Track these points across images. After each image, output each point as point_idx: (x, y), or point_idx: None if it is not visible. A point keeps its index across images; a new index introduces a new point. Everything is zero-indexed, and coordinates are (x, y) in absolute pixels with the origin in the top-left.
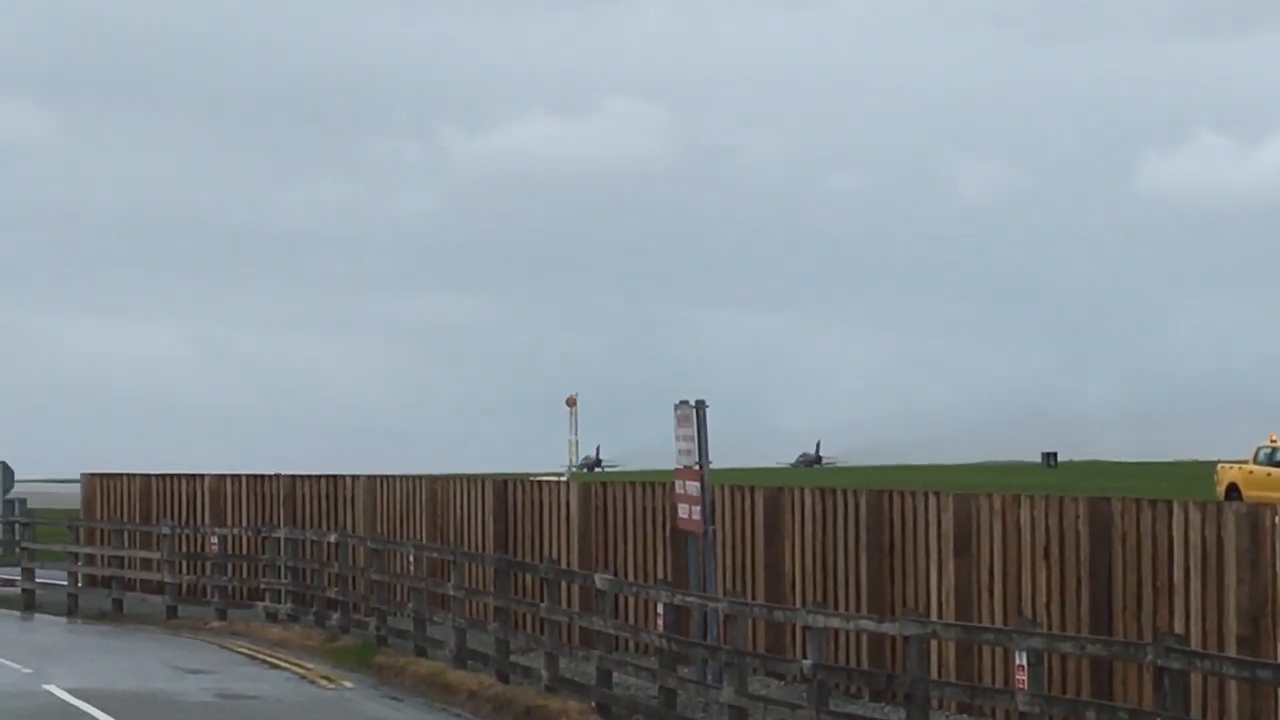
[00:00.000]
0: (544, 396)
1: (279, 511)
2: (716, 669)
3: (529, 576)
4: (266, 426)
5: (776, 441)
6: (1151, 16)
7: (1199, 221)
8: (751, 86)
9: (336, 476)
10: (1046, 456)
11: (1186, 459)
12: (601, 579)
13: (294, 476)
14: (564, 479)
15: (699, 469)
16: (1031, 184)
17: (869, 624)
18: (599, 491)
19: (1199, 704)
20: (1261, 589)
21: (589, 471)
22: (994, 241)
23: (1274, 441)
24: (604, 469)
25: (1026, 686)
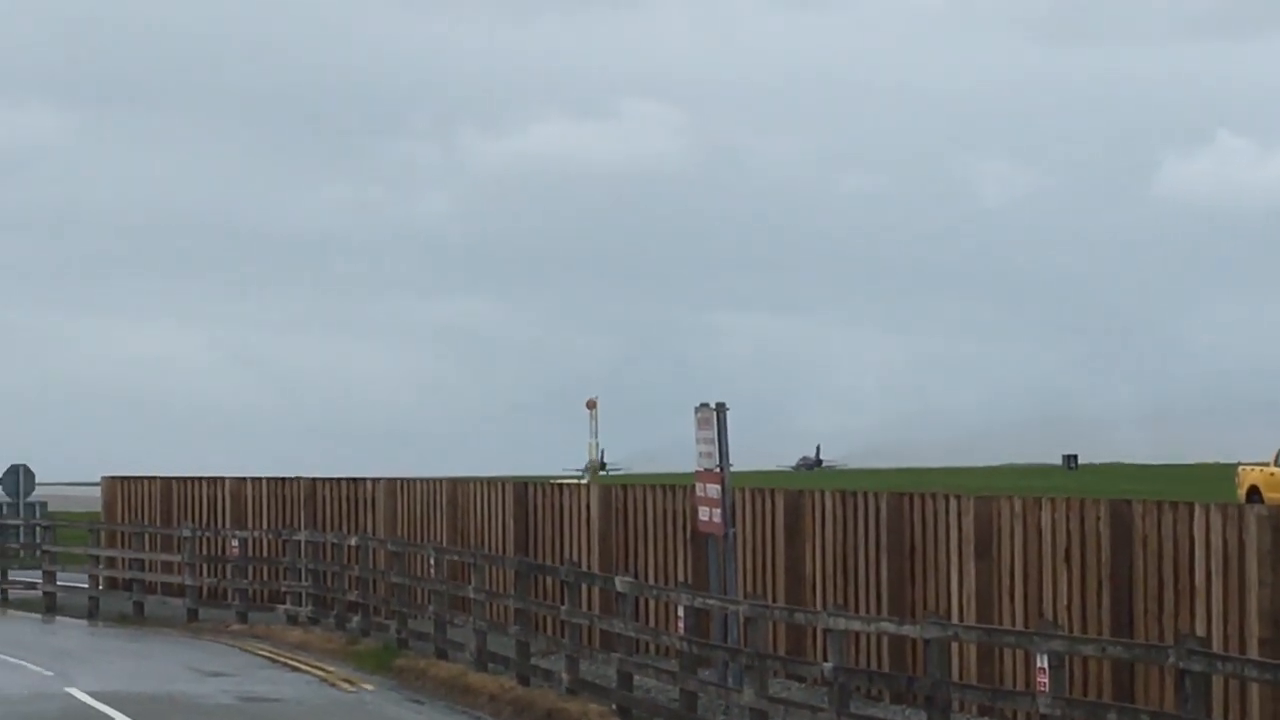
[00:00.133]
0: (562, 399)
1: (299, 514)
2: (737, 672)
3: (549, 579)
4: (286, 429)
5: (792, 443)
6: (1170, 19)
7: (1219, 223)
8: (767, 89)
9: (357, 479)
10: (1067, 459)
11: (1207, 461)
12: (622, 582)
13: (314, 479)
14: (584, 481)
15: (719, 471)
16: (1050, 186)
17: (890, 626)
18: (619, 494)
19: (1221, 707)
20: None
21: (593, 475)
22: (1012, 243)
23: None
24: (608, 472)
25: (1048, 689)
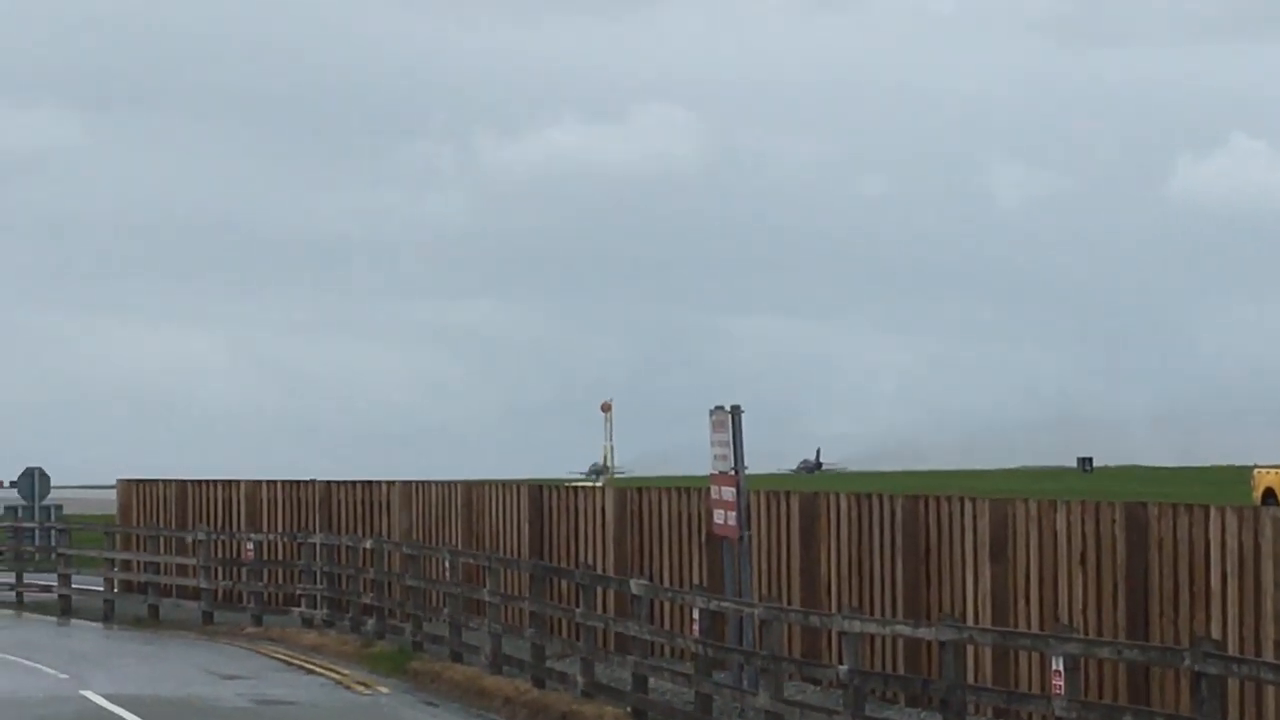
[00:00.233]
0: (575, 401)
1: (314, 517)
2: (752, 674)
3: (564, 582)
4: (301, 432)
5: (803, 446)
6: (1184, 21)
7: (1233, 225)
8: (779, 91)
9: (372, 482)
10: (1082, 461)
11: (1222, 463)
12: (637, 584)
13: (329, 482)
14: (599, 484)
15: (734, 474)
16: (1066, 188)
17: (905, 629)
18: (634, 497)
19: (1236, 709)
20: None
21: (596, 478)
22: (1024, 246)
23: None
24: (610, 475)
25: (1063, 692)
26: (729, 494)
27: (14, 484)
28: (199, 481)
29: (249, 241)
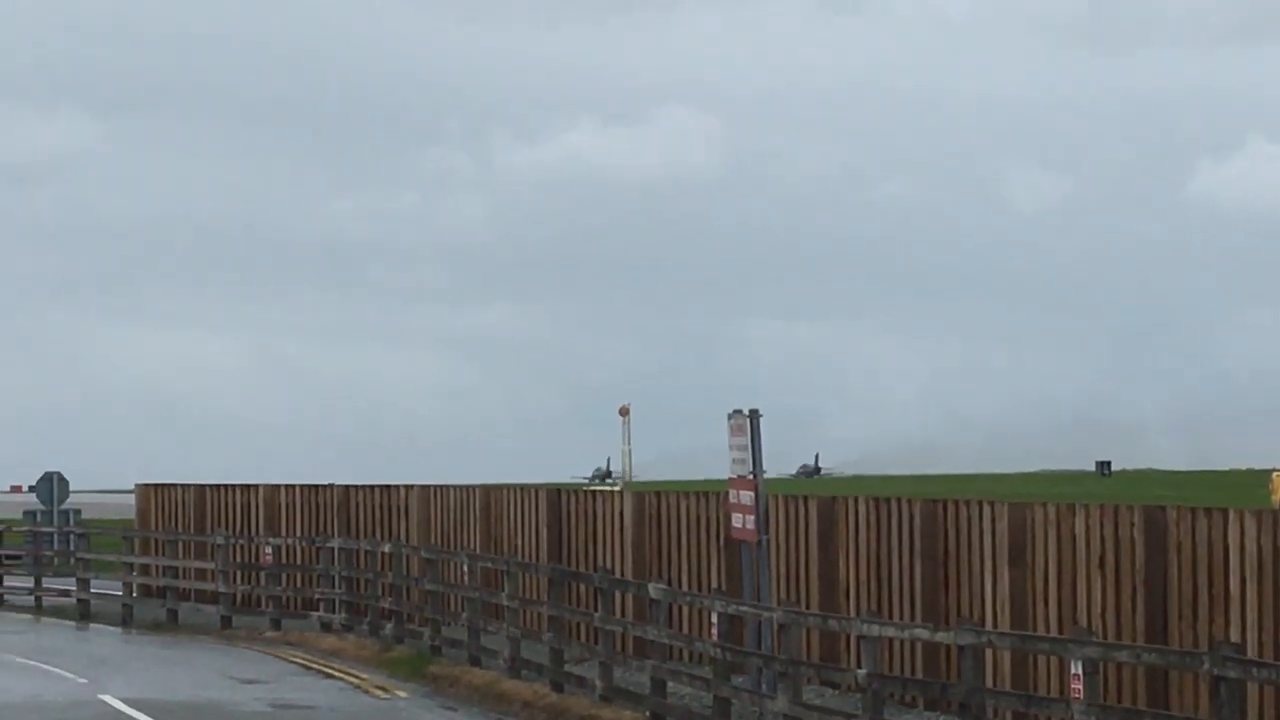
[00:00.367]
0: (593, 405)
1: (333, 521)
2: (771, 678)
3: (583, 586)
4: (319, 436)
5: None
6: (1201, 25)
7: (1251, 229)
8: (799, 96)
9: (390, 486)
10: (1100, 465)
11: (1240, 467)
12: (655, 588)
13: (348, 486)
14: (617, 488)
15: (753, 478)
16: (1083, 192)
17: (924, 633)
18: (653, 501)
19: (1256, 713)
20: None
21: (600, 483)
22: (1043, 250)
23: None
24: (614, 480)
25: (1082, 696)
26: (747, 498)
27: (33, 488)
28: (217, 486)
29: (266, 246)
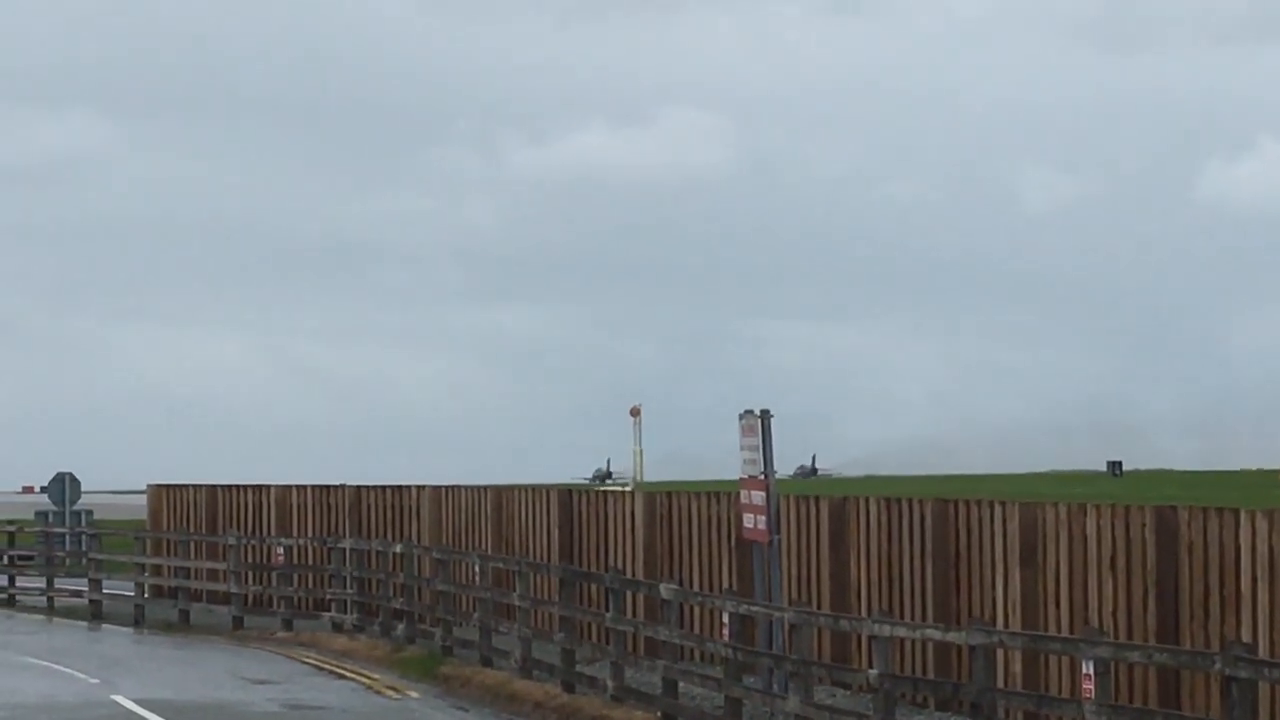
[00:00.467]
0: (604, 406)
1: (344, 522)
2: (782, 678)
3: (594, 586)
4: (331, 437)
5: (836, 450)
6: (1212, 25)
7: (1261, 229)
8: (810, 96)
9: (401, 487)
10: (1112, 465)
11: (1251, 467)
12: (667, 589)
13: (359, 487)
14: (629, 488)
15: (764, 479)
16: (1094, 192)
17: (935, 633)
18: (664, 501)
19: (1267, 713)
20: None
21: (600, 483)
22: (1054, 250)
23: None
24: (614, 481)
25: (1093, 696)
26: (759, 498)
27: (44, 489)
28: (229, 486)
29: (279, 247)
